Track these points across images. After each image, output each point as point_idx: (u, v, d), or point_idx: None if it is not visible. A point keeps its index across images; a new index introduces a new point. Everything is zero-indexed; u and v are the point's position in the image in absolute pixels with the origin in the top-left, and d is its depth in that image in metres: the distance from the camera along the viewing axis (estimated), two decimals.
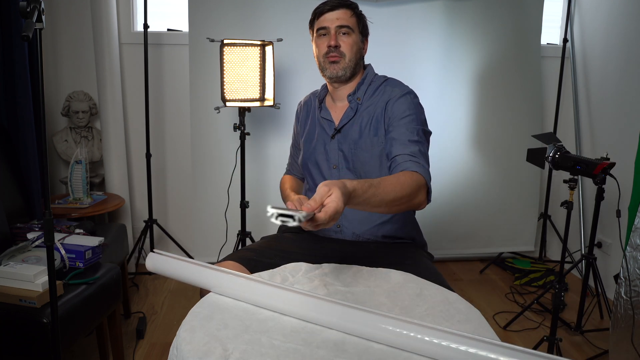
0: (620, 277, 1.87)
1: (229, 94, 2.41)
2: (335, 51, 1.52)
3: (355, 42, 1.54)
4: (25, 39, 1.14)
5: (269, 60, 2.45)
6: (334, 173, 1.58)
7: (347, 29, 1.52)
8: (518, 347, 0.82)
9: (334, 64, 1.53)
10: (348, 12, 1.53)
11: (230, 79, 2.41)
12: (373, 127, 1.52)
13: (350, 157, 1.54)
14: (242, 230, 2.64)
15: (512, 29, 3.02)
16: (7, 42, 2.17)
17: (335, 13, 1.52)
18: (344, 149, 1.55)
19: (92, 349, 2.05)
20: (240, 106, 2.49)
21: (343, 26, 1.51)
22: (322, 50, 1.54)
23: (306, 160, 1.65)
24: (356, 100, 1.56)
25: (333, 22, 1.52)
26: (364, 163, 1.53)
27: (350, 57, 1.53)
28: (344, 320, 0.94)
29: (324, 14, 1.53)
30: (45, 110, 1.63)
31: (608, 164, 1.91)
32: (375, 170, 1.52)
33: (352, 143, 1.54)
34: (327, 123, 1.60)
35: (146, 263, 1.20)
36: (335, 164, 1.57)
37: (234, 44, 2.40)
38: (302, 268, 1.24)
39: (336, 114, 1.60)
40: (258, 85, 2.48)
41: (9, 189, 2.15)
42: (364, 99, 1.56)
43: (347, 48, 1.52)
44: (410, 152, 1.39)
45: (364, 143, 1.52)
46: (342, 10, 1.52)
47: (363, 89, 1.57)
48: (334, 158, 1.57)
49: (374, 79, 1.59)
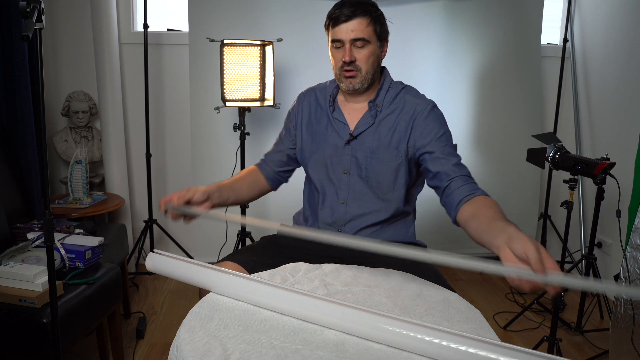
0: (620, 277, 1.87)
1: (229, 94, 2.41)
2: (351, 65, 1.44)
3: (372, 52, 1.45)
4: (25, 39, 1.14)
5: (269, 60, 2.45)
6: (343, 178, 1.52)
7: (362, 42, 1.43)
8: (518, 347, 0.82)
9: (350, 78, 1.46)
10: (364, 22, 1.42)
11: (230, 79, 2.41)
12: (394, 140, 1.47)
13: (364, 165, 1.49)
14: (242, 230, 2.64)
15: (512, 29, 3.02)
16: (7, 42, 2.17)
17: (350, 24, 1.42)
18: (358, 157, 1.50)
19: (92, 349, 2.05)
20: (240, 106, 2.49)
21: (358, 39, 1.42)
22: (338, 63, 1.47)
23: (312, 160, 1.58)
24: (376, 108, 1.50)
25: (348, 34, 1.42)
26: (378, 173, 1.49)
27: (367, 69, 1.46)
28: (344, 320, 0.94)
29: (339, 24, 1.43)
30: (45, 110, 1.63)
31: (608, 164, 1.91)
32: (389, 181, 1.49)
33: (369, 152, 1.49)
34: (341, 126, 1.53)
35: (146, 263, 1.20)
36: (347, 170, 1.52)
37: (234, 44, 2.40)
38: (302, 268, 1.24)
39: (351, 117, 1.53)
40: (258, 85, 2.48)
41: (9, 189, 2.15)
42: (383, 107, 1.50)
43: (363, 61, 1.44)
44: (467, 172, 1.39)
45: (382, 154, 1.47)
46: (357, 20, 1.42)
47: (382, 95, 1.51)
48: (346, 163, 1.51)
49: (391, 85, 1.53)
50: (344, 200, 1.52)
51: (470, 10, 2.94)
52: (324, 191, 1.55)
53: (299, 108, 1.65)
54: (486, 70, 3.03)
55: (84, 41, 2.88)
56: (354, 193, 1.51)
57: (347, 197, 1.51)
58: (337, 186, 1.53)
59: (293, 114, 1.66)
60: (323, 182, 1.55)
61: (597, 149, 2.97)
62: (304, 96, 1.66)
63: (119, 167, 2.84)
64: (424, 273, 1.31)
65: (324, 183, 1.55)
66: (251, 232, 2.66)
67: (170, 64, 2.98)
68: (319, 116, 1.60)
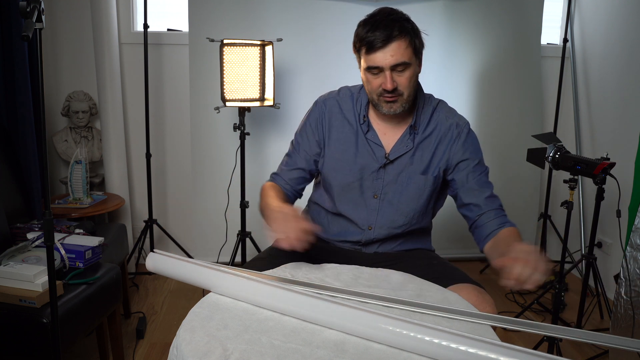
0: (620, 277, 1.87)
1: (229, 94, 2.41)
2: (394, 92, 1.32)
3: (413, 74, 1.33)
4: (25, 39, 1.14)
5: (268, 60, 2.45)
6: (372, 203, 1.44)
7: (403, 66, 1.29)
8: (518, 347, 0.82)
9: (390, 102, 1.35)
10: (403, 44, 1.28)
11: (230, 79, 2.41)
12: (432, 166, 1.42)
13: (399, 191, 1.42)
14: (242, 230, 2.64)
15: (512, 29, 3.02)
16: (7, 42, 2.17)
17: (389, 49, 1.27)
18: (393, 181, 1.42)
19: (92, 349, 2.05)
20: (240, 106, 2.49)
21: (398, 64, 1.29)
22: (375, 89, 1.34)
23: (338, 179, 1.46)
24: (414, 131, 1.41)
25: (387, 60, 1.28)
26: (412, 200, 1.43)
27: (410, 92, 1.34)
28: (344, 320, 0.94)
29: (374, 51, 1.28)
30: (45, 110, 1.63)
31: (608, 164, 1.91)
32: (421, 208, 1.45)
33: (405, 177, 1.42)
34: (376, 148, 1.43)
35: (146, 263, 1.20)
36: (377, 194, 1.44)
37: (233, 44, 2.40)
38: (302, 268, 1.24)
39: (387, 139, 1.43)
40: (258, 85, 2.47)
41: (9, 189, 2.15)
42: (420, 129, 1.42)
43: (405, 84, 1.32)
44: (498, 206, 1.40)
45: (418, 181, 1.42)
46: (396, 43, 1.27)
47: (419, 115, 1.42)
48: (378, 188, 1.43)
49: (425, 102, 1.44)
50: (371, 227, 1.46)
51: (470, 10, 2.94)
52: (348, 213, 1.47)
53: (322, 118, 1.48)
54: (486, 70, 3.03)
55: (84, 41, 2.88)
56: (383, 219, 1.45)
57: (375, 223, 1.46)
58: (364, 210, 1.45)
59: (315, 125, 1.49)
60: (348, 204, 1.46)
61: (597, 149, 2.97)
62: (324, 105, 1.49)
63: (119, 167, 2.84)
64: (448, 271, 1.36)
65: (349, 206, 1.46)
66: (251, 232, 2.66)
67: (170, 64, 2.98)
68: (346, 132, 1.46)
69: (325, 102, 1.50)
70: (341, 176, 1.46)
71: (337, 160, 1.46)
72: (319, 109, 1.50)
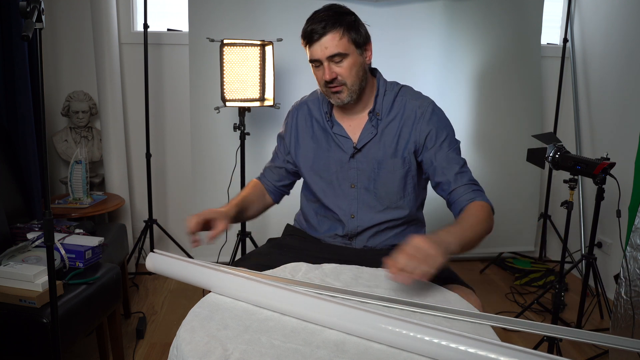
0: (620, 277, 1.87)
1: (229, 94, 2.41)
2: (334, 82, 1.39)
3: (353, 63, 1.38)
4: (25, 39, 1.14)
5: (268, 60, 2.45)
6: (351, 192, 1.49)
7: (339, 56, 1.36)
8: (518, 347, 0.82)
9: (336, 93, 1.41)
10: (336, 36, 1.35)
11: (230, 79, 2.41)
12: (400, 148, 1.44)
13: (372, 177, 1.47)
14: (242, 230, 2.64)
15: (512, 29, 3.02)
16: (7, 42, 2.17)
17: (324, 42, 1.35)
18: (365, 169, 1.47)
19: (92, 349, 2.05)
20: (240, 106, 2.49)
21: (334, 55, 1.36)
22: (321, 82, 1.42)
23: (316, 176, 1.53)
24: (376, 117, 1.46)
25: (323, 52, 1.36)
26: (386, 183, 1.46)
27: (352, 81, 1.40)
28: (344, 320, 0.94)
29: (313, 43, 1.37)
30: (45, 110, 1.63)
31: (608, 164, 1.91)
32: (398, 189, 1.47)
33: (375, 163, 1.46)
34: (343, 140, 1.49)
35: (146, 263, 1.20)
36: (354, 184, 1.49)
37: (233, 44, 2.40)
38: (302, 268, 1.24)
39: (352, 130, 1.49)
40: (258, 85, 2.48)
41: (9, 189, 2.15)
42: (383, 114, 1.46)
43: (345, 75, 1.38)
44: (467, 180, 1.39)
45: (389, 164, 1.45)
46: (329, 35, 1.35)
47: (380, 101, 1.46)
48: (353, 177, 1.48)
49: (387, 88, 1.48)
50: (354, 215, 1.49)
51: (470, 11, 2.94)
52: (331, 207, 1.51)
53: (293, 125, 1.59)
54: (486, 70, 3.03)
55: (84, 41, 2.88)
56: (363, 206, 1.48)
57: (357, 211, 1.49)
58: (345, 201, 1.50)
59: (287, 132, 1.60)
60: (330, 198, 1.52)
61: (597, 149, 2.97)
62: (296, 111, 1.60)
63: (119, 167, 2.84)
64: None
65: (331, 199, 1.51)
66: (251, 232, 2.66)
67: (170, 64, 2.98)
68: (317, 131, 1.54)
69: (297, 109, 1.61)
70: (318, 174, 1.53)
71: (311, 159, 1.54)
72: (290, 116, 1.62)
